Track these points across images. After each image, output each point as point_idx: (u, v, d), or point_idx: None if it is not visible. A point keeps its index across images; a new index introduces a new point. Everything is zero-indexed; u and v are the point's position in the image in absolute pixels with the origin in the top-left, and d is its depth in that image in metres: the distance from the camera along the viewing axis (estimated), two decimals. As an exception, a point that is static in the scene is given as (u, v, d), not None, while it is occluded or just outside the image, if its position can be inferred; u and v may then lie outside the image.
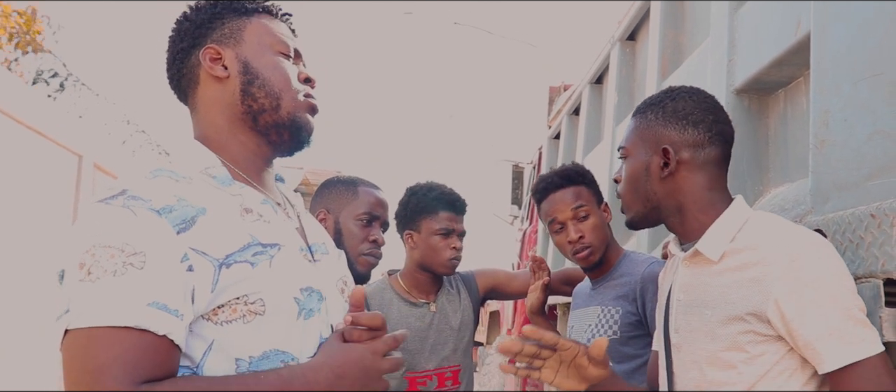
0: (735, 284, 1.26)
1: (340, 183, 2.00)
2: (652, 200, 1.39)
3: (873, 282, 1.26)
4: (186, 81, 1.18)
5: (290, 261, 1.08)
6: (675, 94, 1.41)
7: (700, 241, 1.33)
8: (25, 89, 4.76)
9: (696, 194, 1.36)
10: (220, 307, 0.99)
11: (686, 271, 1.39)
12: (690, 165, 1.36)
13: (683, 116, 1.37)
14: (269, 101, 1.14)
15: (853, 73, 1.39)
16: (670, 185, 1.37)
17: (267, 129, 1.15)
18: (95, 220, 0.96)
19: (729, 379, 1.27)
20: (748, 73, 1.95)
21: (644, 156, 1.39)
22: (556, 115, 5.61)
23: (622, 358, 1.83)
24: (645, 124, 1.41)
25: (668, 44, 2.85)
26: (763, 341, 1.23)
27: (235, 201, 1.08)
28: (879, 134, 1.31)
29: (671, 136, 1.37)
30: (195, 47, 1.16)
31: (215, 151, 1.14)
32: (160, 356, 0.92)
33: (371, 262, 1.92)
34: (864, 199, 1.32)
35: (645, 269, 1.86)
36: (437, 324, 2.16)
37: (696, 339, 1.33)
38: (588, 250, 1.88)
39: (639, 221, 1.44)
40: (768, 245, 1.24)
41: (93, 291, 0.90)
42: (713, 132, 1.37)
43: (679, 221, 1.39)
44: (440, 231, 2.14)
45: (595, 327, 1.89)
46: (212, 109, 1.16)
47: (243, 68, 1.15)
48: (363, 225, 1.92)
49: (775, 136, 1.99)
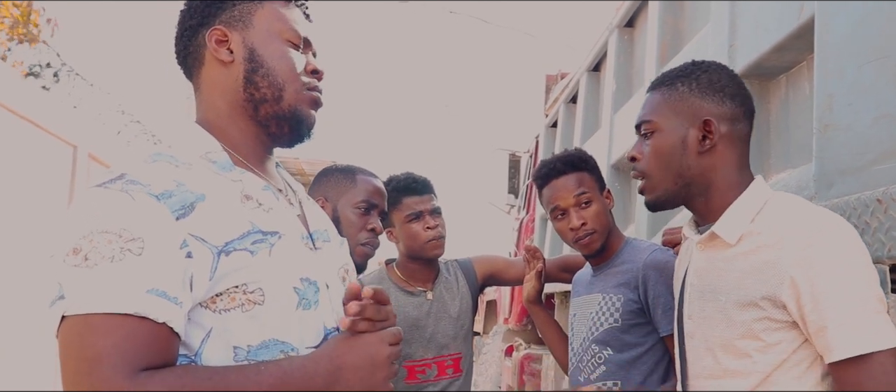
0: (750, 268, 1.23)
1: (338, 171, 1.98)
2: (685, 177, 1.32)
3: (879, 268, 1.25)
4: (192, 60, 1.15)
5: (291, 249, 1.06)
6: (706, 67, 1.35)
7: (717, 223, 1.29)
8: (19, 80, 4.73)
9: (727, 171, 1.31)
10: (219, 295, 0.97)
11: (700, 256, 1.35)
12: (727, 140, 1.30)
13: (720, 88, 1.32)
14: (272, 92, 1.12)
15: (858, 56, 1.38)
16: (708, 161, 1.31)
17: (267, 120, 1.13)
18: (93, 204, 0.94)
19: (743, 367, 1.23)
20: (749, 59, 1.94)
21: (681, 129, 1.32)
22: (552, 103, 5.60)
23: (624, 346, 1.82)
24: (677, 96, 1.34)
25: (667, 30, 2.84)
26: (779, 329, 1.19)
27: (236, 187, 1.06)
28: (885, 117, 1.29)
29: (711, 109, 1.30)
30: (203, 26, 1.13)
31: (216, 136, 1.12)
32: (159, 344, 0.90)
33: (368, 252, 1.91)
34: (870, 183, 1.30)
35: (647, 257, 1.84)
36: (435, 312, 2.15)
37: (710, 326, 1.30)
38: (590, 237, 1.87)
39: (665, 201, 1.37)
40: (786, 227, 1.20)
41: (90, 278, 0.88)
42: (746, 107, 1.33)
43: (705, 200, 1.33)
44: (410, 217, 2.14)
45: (596, 315, 1.88)
46: (214, 93, 1.14)
47: (249, 55, 1.12)
48: (361, 213, 1.90)
49: (777, 122, 1.98)
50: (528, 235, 5.51)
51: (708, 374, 1.31)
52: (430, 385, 2.17)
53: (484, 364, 6.88)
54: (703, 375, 1.32)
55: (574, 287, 2.09)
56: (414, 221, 2.13)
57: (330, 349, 1.02)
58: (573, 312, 2.00)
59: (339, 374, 1.00)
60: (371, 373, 1.03)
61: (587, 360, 1.86)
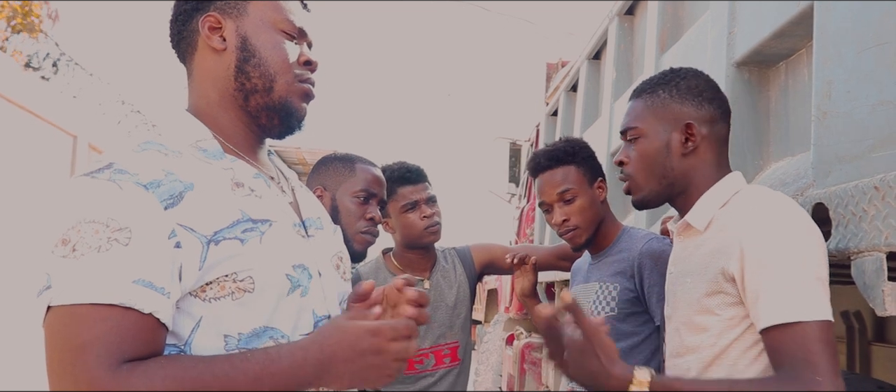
0: (712, 250, 1.31)
1: (337, 160, 1.98)
2: (668, 177, 1.41)
3: (876, 255, 1.24)
4: (185, 44, 1.14)
5: (282, 237, 1.05)
6: (684, 73, 1.45)
7: (689, 212, 1.38)
8: (19, 70, 4.71)
9: (707, 170, 1.40)
10: (209, 284, 0.96)
11: (678, 244, 1.45)
12: (708, 141, 1.40)
13: (699, 93, 1.42)
14: (263, 83, 1.11)
15: (858, 42, 1.36)
16: (690, 162, 1.40)
17: (257, 111, 1.12)
18: (80, 194, 0.93)
19: (700, 342, 1.31)
20: (749, 45, 1.92)
21: (663, 134, 1.41)
22: (553, 91, 5.58)
23: (620, 335, 1.81)
24: (659, 102, 1.43)
25: (666, 17, 2.81)
26: (732, 304, 1.26)
27: (226, 175, 1.05)
28: (884, 104, 1.28)
29: (691, 113, 1.40)
30: (198, 11, 1.12)
31: (207, 124, 1.11)
32: (145, 334, 0.89)
33: (368, 240, 1.90)
34: (868, 171, 1.29)
35: (643, 245, 1.84)
36: (432, 301, 2.15)
37: (679, 307, 1.39)
38: (573, 233, 1.88)
39: (651, 200, 1.46)
40: (744, 210, 1.29)
41: (77, 268, 0.88)
42: (723, 109, 1.43)
43: (686, 197, 1.42)
44: (405, 207, 2.14)
45: (593, 304, 1.88)
46: (205, 80, 1.13)
47: (241, 43, 1.11)
48: (360, 202, 1.89)
49: (776, 110, 1.97)
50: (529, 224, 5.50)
51: (675, 354, 1.39)
52: (428, 374, 2.17)
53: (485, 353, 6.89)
54: (672, 354, 1.41)
55: (573, 276, 2.09)
56: (410, 211, 2.13)
57: (322, 338, 0.99)
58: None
59: (330, 365, 0.97)
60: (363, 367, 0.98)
61: None
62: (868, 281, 1.26)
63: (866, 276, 1.27)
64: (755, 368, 1.24)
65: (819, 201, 1.41)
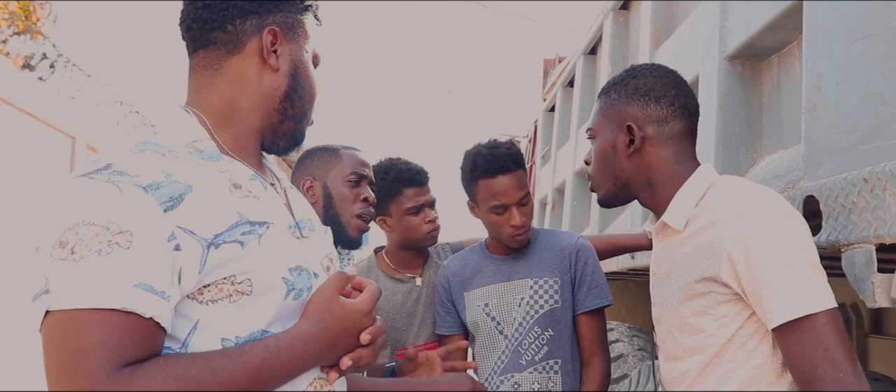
0: (694, 249, 1.30)
1: (321, 150, 1.97)
2: (621, 178, 1.42)
3: (866, 247, 1.25)
4: (224, 39, 1.09)
5: (279, 239, 1.05)
6: (636, 72, 1.44)
7: (665, 213, 1.37)
8: (16, 71, 4.72)
9: (664, 168, 1.38)
10: (206, 286, 0.96)
11: (658, 245, 1.45)
12: (656, 140, 1.38)
13: (645, 93, 1.40)
14: (299, 113, 1.13)
15: (846, 34, 1.37)
16: (637, 162, 1.39)
17: (281, 134, 1.14)
18: (78, 195, 0.92)
19: (698, 343, 1.30)
20: (741, 39, 1.93)
21: (610, 135, 1.42)
22: (550, 87, 5.58)
23: (563, 327, 1.92)
24: (609, 104, 1.44)
25: (660, 11, 2.82)
26: (725, 302, 1.26)
27: (223, 177, 1.04)
28: (872, 96, 1.29)
29: (634, 113, 1.39)
30: (257, 15, 1.09)
31: (216, 123, 1.09)
32: (145, 339, 0.89)
33: (362, 225, 1.89)
34: (857, 163, 1.30)
35: (576, 240, 1.98)
36: (425, 298, 2.15)
37: (668, 309, 1.38)
38: (526, 234, 1.92)
39: (610, 199, 1.47)
40: (722, 206, 1.28)
41: (76, 272, 0.87)
42: (676, 106, 1.40)
43: (649, 196, 1.41)
44: (411, 210, 2.12)
45: (532, 298, 1.92)
46: (240, 87, 1.10)
47: (293, 70, 1.11)
48: (352, 185, 1.89)
49: (769, 103, 1.98)
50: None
51: (672, 356, 1.38)
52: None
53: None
54: (669, 357, 1.40)
55: (465, 283, 2.03)
56: (414, 214, 2.12)
57: (322, 328, 1.02)
58: (485, 302, 1.98)
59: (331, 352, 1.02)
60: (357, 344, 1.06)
61: (529, 342, 1.91)
62: (858, 273, 1.27)
63: (856, 268, 1.28)
64: (753, 362, 1.24)
65: (810, 194, 1.42)
